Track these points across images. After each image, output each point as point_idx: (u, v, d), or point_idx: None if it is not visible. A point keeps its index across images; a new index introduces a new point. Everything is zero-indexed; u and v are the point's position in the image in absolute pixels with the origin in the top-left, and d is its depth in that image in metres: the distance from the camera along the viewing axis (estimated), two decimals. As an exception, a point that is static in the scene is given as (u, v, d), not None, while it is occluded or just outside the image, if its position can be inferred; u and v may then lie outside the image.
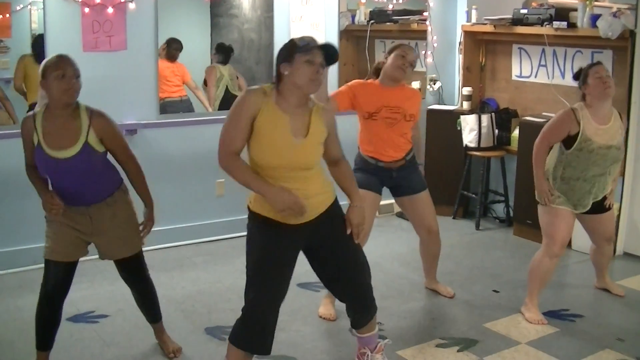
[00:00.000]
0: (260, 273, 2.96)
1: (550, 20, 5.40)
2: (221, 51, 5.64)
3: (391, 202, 5.93)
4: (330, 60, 2.89)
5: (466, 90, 6.20)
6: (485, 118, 5.90)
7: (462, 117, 5.98)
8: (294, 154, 2.86)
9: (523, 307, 4.17)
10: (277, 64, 2.90)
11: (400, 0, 6.30)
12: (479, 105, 6.21)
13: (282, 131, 2.85)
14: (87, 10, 4.69)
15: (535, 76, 5.90)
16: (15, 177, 4.64)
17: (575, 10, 5.31)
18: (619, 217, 5.07)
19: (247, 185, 2.88)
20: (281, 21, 5.58)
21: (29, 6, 4.64)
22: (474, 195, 6.07)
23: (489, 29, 5.94)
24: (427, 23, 6.30)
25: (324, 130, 2.97)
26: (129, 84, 4.98)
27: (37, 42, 4.66)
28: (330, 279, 3.19)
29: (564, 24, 5.30)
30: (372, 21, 6.30)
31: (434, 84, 6.38)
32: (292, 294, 3.93)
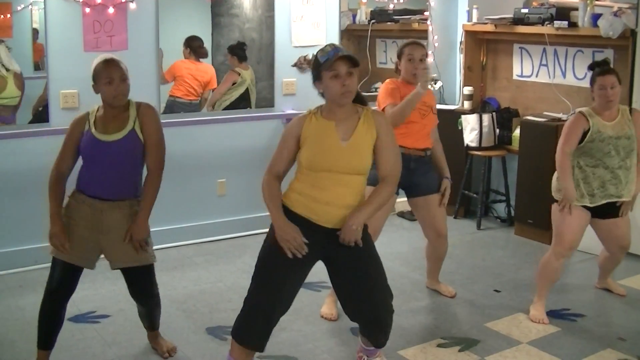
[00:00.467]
0: (265, 268, 2.99)
1: (551, 19, 5.41)
2: (235, 50, 5.61)
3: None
4: (353, 63, 2.92)
5: (467, 90, 6.20)
6: (486, 117, 5.90)
7: (463, 117, 5.98)
8: (340, 156, 2.92)
9: (531, 305, 4.17)
10: (314, 83, 3.03)
11: (401, 0, 6.30)
12: (480, 105, 6.21)
13: (329, 135, 2.94)
14: (88, 10, 4.69)
15: (537, 75, 5.90)
16: (16, 177, 4.65)
17: (576, 9, 5.31)
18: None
19: (267, 207, 2.99)
20: (282, 20, 5.58)
21: (30, 6, 4.65)
22: (475, 195, 6.07)
23: (490, 28, 5.94)
24: (428, 22, 6.30)
25: (373, 131, 2.98)
26: (130, 83, 4.96)
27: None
28: (345, 296, 3.14)
29: (564, 23, 5.30)
30: (373, 21, 6.30)
31: (435, 84, 6.36)
32: (294, 293, 3.94)
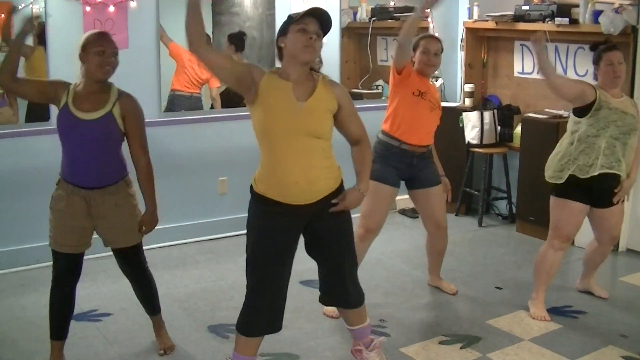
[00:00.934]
0: (259, 258, 3.00)
1: (552, 16, 5.40)
2: (234, 40, 5.62)
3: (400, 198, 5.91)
4: (324, 25, 2.94)
5: (468, 87, 6.19)
6: (487, 115, 5.90)
7: (465, 114, 5.98)
8: (296, 116, 2.88)
9: (529, 302, 4.17)
10: (277, 42, 3.01)
11: (401, -3, 6.30)
12: (481, 102, 6.20)
13: (285, 95, 2.89)
14: (89, 9, 4.69)
15: (538, 72, 5.86)
16: (17, 176, 4.66)
17: (577, 6, 5.30)
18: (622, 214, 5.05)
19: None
20: (283, 19, 5.52)
21: (30, 5, 4.64)
22: (476, 192, 6.07)
23: (490, 25, 5.93)
24: (429, 20, 6.29)
25: (334, 102, 2.97)
26: (131, 82, 4.90)
27: (41, 34, 4.65)
28: (319, 261, 3.19)
29: (565, 20, 5.29)
30: (374, 18, 6.30)
31: (436, 81, 6.38)
32: (295, 291, 3.94)
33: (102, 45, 3.19)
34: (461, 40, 6.33)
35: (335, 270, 3.18)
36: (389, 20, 6.32)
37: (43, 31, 4.63)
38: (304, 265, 3.36)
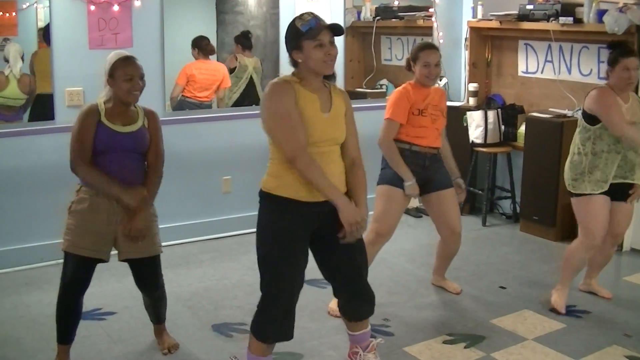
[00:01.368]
0: (273, 262, 2.99)
1: (556, 15, 5.39)
2: (240, 39, 5.64)
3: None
4: (338, 33, 2.96)
5: (472, 87, 6.19)
6: (491, 114, 5.89)
7: (468, 113, 5.97)
8: (325, 127, 2.97)
9: (554, 290, 4.22)
10: (289, 51, 3.00)
11: (405, -3, 6.30)
12: (485, 101, 6.19)
13: (314, 107, 2.96)
14: (93, 7, 4.71)
15: (542, 72, 5.89)
16: (22, 175, 4.66)
17: (581, 5, 5.29)
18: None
19: (324, 188, 2.90)
20: (287, 18, 5.54)
21: (35, 4, 4.65)
22: (480, 192, 6.06)
23: (494, 24, 5.93)
24: (433, 19, 6.29)
25: (345, 108, 3.07)
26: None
27: (46, 33, 4.68)
28: (334, 268, 3.17)
29: (570, 20, 5.28)
30: (378, 17, 6.30)
31: (440, 80, 6.37)
32: (299, 290, 3.94)
33: (130, 73, 3.25)
34: (465, 39, 6.33)
35: (355, 274, 3.16)
36: (393, 20, 6.33)
37: (47, 31, 4.65)
38: (307, 265, 3.34)
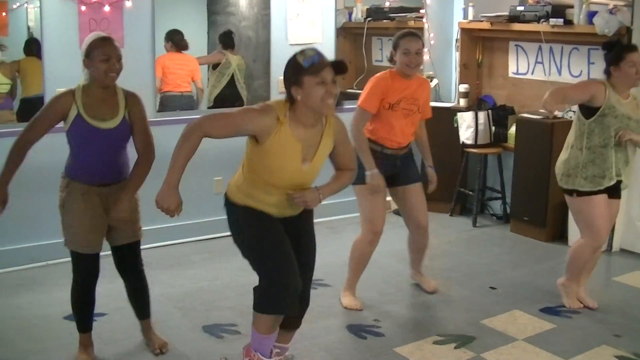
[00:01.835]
0: (261, 240, 3.00)
1: (546, 17, 5.42)
2: (221, 38, 5.65)
3: (388, 200, 5.92)
4: (341, 72, 2.89)
5: (463, 88, 6.21)
6: (482, 115, 5.91)
7: (459, 114, 5.99)
8: (299, 177, 2.95)
9: (563, 288, 4.27)
10: (287, 87, 2.89)
11: (397, -2, 6.32)
12: (476, 102, 6.21)
13: (293, 158, 2.90)
14: (84, 8, 4.69)
15: (532, 73, 5.91)
16: (15, 177, 4.64)
17: (571, 7, 5.32)
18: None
19: (174, 160, 3.09)
20: (278, 19, 5.58)
21: (25, 4, 4.64)
22: (471, 192, 6.08)
23: (485, 26, 5.95)
24: (424, 20, 6.31)
25: (332, 144, 3.02)
26: (126, 81, 4.86)
27: (31, 44, 4.72)
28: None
29: (560, 21, 5.31)
30: (369, 18, 6.31)
31: (431, 81, 6.39)
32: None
33: (107, 52, 3.20)
34: (456, 40, 6.34)
35: (304, 269, 3.10)
36: (384, 21, 6.34)
37: (33, 42, 4.67)
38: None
